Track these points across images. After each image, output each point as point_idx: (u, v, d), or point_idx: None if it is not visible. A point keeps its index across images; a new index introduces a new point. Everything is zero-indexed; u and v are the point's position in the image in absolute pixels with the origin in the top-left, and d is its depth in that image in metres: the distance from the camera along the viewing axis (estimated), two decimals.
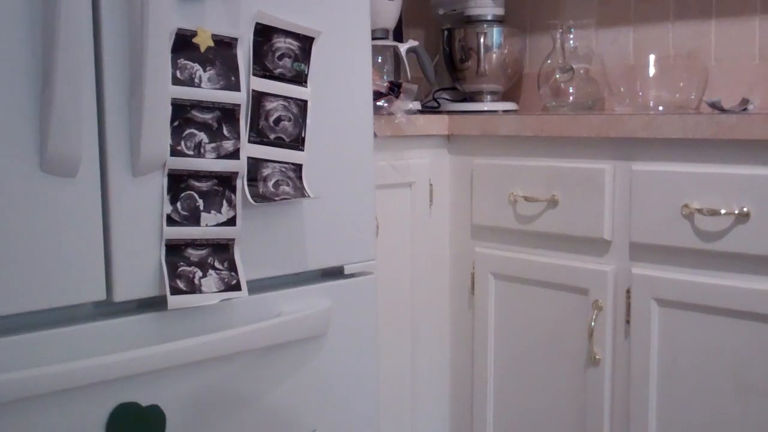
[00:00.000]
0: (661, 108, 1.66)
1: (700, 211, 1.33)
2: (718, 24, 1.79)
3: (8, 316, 0.96)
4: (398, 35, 2.04)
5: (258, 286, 1.16)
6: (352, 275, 1.27)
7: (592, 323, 1.48)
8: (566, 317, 1.54)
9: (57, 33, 0.92)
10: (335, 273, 1.27)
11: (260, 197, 1.12)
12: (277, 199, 1.13)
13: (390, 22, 1.91)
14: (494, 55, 1.99)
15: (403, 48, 1.85)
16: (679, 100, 1.67)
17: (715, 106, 1.48)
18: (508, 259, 1.63)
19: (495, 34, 1.98)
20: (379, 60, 1.84)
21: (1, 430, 0.95)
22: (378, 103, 1.58)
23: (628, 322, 1.45)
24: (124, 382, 1.02)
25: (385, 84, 1.63)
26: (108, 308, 1.04)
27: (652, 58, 1.73)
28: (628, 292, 1.45)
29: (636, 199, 1.42)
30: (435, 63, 2.04)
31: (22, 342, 0.96)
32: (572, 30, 1.90)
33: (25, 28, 0.94)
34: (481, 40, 1.97)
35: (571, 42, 1.91)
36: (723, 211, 1.30)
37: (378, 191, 1.55)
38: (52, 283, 0.98)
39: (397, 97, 1.61)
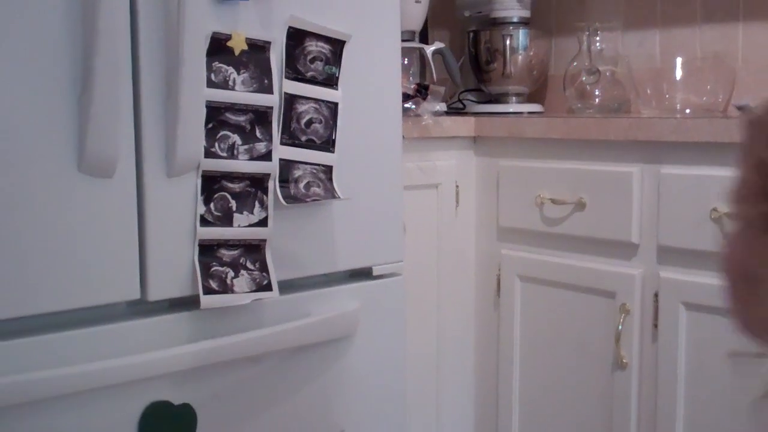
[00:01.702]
0: (688, 111, 1.65)
1: (729, 215, 1.32)
2: (746, 26, 1.78)
3: (44, 314, 0.98)
4: (424, 37, 2.05)
5: (288, 287, 1.17)
6: (380, 276, 1.28)
7: (620, 327, 1.48)
8: (593, 321, 1.54)
9: (96, 37, 0.94)
10: (363, 274, 1.27)
11: (291, 198, 1.13)
12: (308, 200, 1.14)
13: (416, 24, 1.92)
14: (520, 57, 1.98)
15: (429, 50, 1.85)
16: (706, 103, 1.66)
17: (744, 110, 1.47)
18: (534, 261, 1.62)
19: (521, 36, 1.98)
20: (406, 62, 1.85)
21: (36, 428, 0.96)
22: (405, 105, 1.59)
23: (655, 326, 1.44)
24: (156, 381, 1.04)
25: (413, 86, 1.64)
26: (142, 307, 1.06)
27: (679, 60, 1.72)
28: (656, 295, 1.44)
29: (664, 203, 1.41)
30: (460, 65, 2.04)
31: (57, 340, 0.97)
32: (598, 32, 1.90)
33: (65, 32, 0.95)
34: (507, 42, 1.96)
35: (598, 44, 1.90)
36: None
37: (404, 193, 1.56)
38: (87, 281, 0.99)
39: (424, 98, 1.61)
